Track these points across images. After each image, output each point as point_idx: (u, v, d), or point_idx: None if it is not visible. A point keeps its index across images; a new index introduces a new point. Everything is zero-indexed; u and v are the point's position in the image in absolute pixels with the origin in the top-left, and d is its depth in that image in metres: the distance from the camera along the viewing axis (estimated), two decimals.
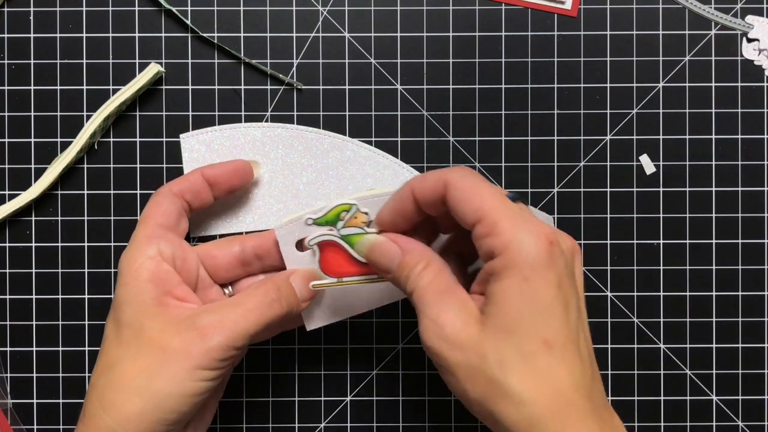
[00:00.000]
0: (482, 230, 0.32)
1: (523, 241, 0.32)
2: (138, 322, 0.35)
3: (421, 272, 0.35)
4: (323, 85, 0.46)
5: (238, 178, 0.42)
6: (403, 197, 0.36)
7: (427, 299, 0.34)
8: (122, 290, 0.37)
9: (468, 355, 0.32)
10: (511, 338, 0.31)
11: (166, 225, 0.39)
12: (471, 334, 0.32)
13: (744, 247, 0.46)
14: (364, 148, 0.46)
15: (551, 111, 0.46)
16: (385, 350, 0.46)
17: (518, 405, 0.31)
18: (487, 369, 0.31)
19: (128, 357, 0.35)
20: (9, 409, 0.46)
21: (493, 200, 0.33)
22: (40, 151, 0.46)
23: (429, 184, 0.35)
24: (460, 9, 0.46)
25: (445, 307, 0.33)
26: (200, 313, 0.36)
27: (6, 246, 0.46)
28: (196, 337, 0.35)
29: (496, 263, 0.32)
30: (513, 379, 0.31)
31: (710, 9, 0.46)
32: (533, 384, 0.31)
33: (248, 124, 0.46)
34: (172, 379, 0.34)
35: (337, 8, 0.46)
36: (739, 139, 0.46)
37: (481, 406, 0.32)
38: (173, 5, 0.46)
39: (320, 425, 0.46)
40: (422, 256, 0.35)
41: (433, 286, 0.34)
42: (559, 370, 0.31)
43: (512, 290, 0.32)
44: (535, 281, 0.31)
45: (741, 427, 0.46)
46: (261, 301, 0.37)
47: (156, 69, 0.45)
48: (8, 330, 0.46)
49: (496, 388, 0.31)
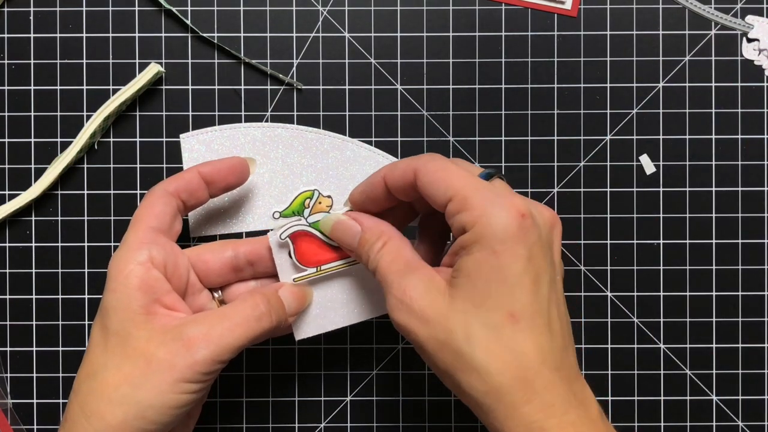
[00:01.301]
0: (454, 207, 0.33)
1: (493, 215, 0.32)
2: (125, 330, 0.35)
3: (380, 250, 0.36)
4: (323, 85, 0.46)
5: (234, 175, 0.41)
6: (374, 183, 0.37)
7: (391, 277, 0.35)
8: (110, 296, 0.36)
9: (436, 329, 0.33)
10: (478, 311, 0.32)
11: (158, 228, 0.38)
12: (438, 309, 0.33)
13: (744, 247, 0.46)
14: (364, 148, 0.46)
15: (551, 111, 0.46)
16: (385, 350, 0.46)
17: (484, 376, 0.32)
18: (453, 342, 0.32)
19: (112, 365, 0.35)
20: (9, 409, 0.46)
21: (461, 179, 0.33)
22: (40, 151, 0.46)
23: (398, 172, 0.36)
24: (460, 9, 0.46)
25: (410, 283, 0.34)
26: (187, 324, 0.35)
27: (6, 246, 0.46)
28: (182, 348, 0.34)
29: (466, 237, 0.33)
30: (478, 351, 0.32)
31: (710, 9, 0.46)
32: (498, 356, 0.32)
33: (248, 124, 0.46)
34: (155, 390, 0.34)
35: (337, 8, 0.46)
36: (739, 139, 0.46)
37: (451, 377, 0.33)
38: (173, 5, 0.46)
39: (320, 425, 0.46)
40: (381, 233, 0.37)
41: (396, 263, 0.35)
42: (525, 343, 0.32)
43: (481, 263, 0.32)
44: (504, 254, 0.32)
45: (741, 427, 0.46)
46: (249, 315, 0.36)
47: (156, 69, 0.45)
48: (8, 330, 0.46)
49: (462, 360, 0.32)
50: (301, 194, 0.39)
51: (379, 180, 0.37)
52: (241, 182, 0.42)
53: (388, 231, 0.37)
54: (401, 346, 0.46)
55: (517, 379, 0.31)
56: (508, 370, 0.32)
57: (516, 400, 0.31)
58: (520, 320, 0.32)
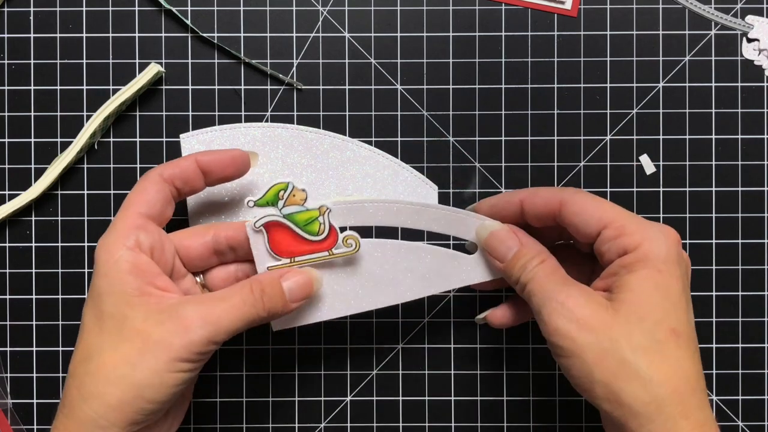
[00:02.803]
0: (611, 234, 0.36)
1: (656, 239, 0.35)
2: (120, 312, 0.35)
3: (539, 264, 0.37)
4: (323, 85, 0.46)
5: (233, 167, 0.41)
6: (510, 202, 0.40)
7: (550, 286, 0.36)
8: (102, 281, 0.36)
9: (599, 337, 0.34)
10: (643, 324, 0.34)
11: (147, 214, 0.38)
12: (602, 318, 0.34)
13: (744, 247, 0.46)
14: (364, 148, 0.46)
15: (551, 111, 0.46)
16: (385, 350, 0.46)
17: (647, 385, 0.33)
18: (618, 351, 0.34)
19: (109, 346, 0.35)
20: (9, 409, 0.46)
21: (614, 208, 0.37)
22: (40, 151, 0.46)
23: (541, 200, 0.38)
24: (460, 9, 0.46)
25: (572, 293, 0.36)
26: (183, 304, 0.35)
27: (6, 246, 0.46)
28: (179, 328, 0.34)
29: (628, 258, 0.35)
30: (644, 362, 0.33)
31: (710, 9, 0.46)
32: (662, 368, 0.33)
33: (248, 124, 0.46)
34: (152, 369, 0.34)
35: (337, 8, 0.46)
36: (739, 139, 0.46)
37: (608, 387, 0.34)
38: (173, 5, 0.46)
39: (320, 425, 0.46)
40: (540, 250, 0.38)
41: (555, 276, 0.37)
42: (683, 359, 0.34)
43: (646, 281, 0.35)
44: (667, 274, 0.35)
45: (741, 427, 0.46)
46: (245, 300, 0.37)
47: (156, 69, 0.45)
48: (8, 330, 0.46)
49: (626, 369, 0.33)
50: (275, 185, 0.39)
51: (516, 201, 0.39)
52: (239, 175, 0.41)
53: (546, 250, 0.39)
54: (401, 346, 0.46)
55: (676, 392, 0.33)
56: (670, 382, 0.33)
57: (675, 413, 0.33)
58: (680, 337, 0.34)
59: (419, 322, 0.46)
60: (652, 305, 0.34)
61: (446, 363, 0.46)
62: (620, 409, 0.34)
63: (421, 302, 0.44)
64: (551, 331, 0.35)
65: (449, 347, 0.46)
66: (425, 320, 0.46)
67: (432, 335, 0.46)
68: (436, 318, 0.46)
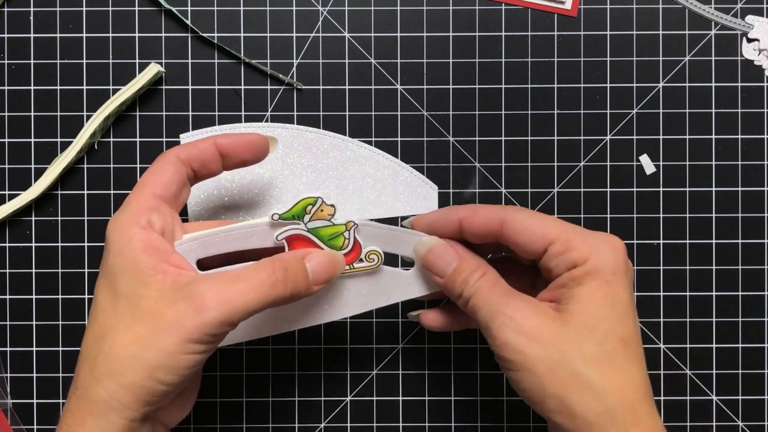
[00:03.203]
0: (558, 249, 0.36)
1: (603, 251, 0.35)
2: (134, 291, 0.34)
3: (480, 278, 0.37)
4: (323, 85, 0.46)
5: (251, 152, 0.40)
6: (448, 220, 0.39)
7: (495, 300, 0.36)
8: (116, 260, 0.35)
9: (550, 350, 0.34)
10: (592, 335, 0.34)
11: (162, 196, 0.37)
12: (552, 330, 0.34)
13: (744, 247, 0.46)
14: (364, 148, 0.46)
15: (551, 111, 0.46)
16: (385, 350, 0.46)
17: (600, 396, 0.33)
18: (569, 362, 0.34)
19: (121, 326, 0.34)
20: (9, 409, 0.46)
21: (557, 224, 0.37)
22: (40, 151, 0.46)
23: (481, 220, 0.38)
24: (460, 9, 0.46)
25: (520, 305, 0.35)
26: (198, 282, 0.34)
27: (6, 246, 0.46)
28: (191, 309, 0.33)
29: (577, 272, 0.35)
30: (595, 372, 0.34)
31: (710, 9, 0.46)
32: (613, 377, 0.34)
33: (248, 124, 0.46)
34: (164, 350, 0.33)
35: (337, 8, 0.46)
36: (739, 139, 0.46)
37: (559, 399, 0.34)
38: (173, 5, 0.46)
39: (320, 425, 0.46)
40: (479, 263, 0.38)
41: (497, 288, 0.37)
42: (633, 367, 0.34)
43: (595, 292, 0.35)
44: (615, 284, 0.35)
45: (741, 427, 0.46)
46: (264, 280, 0.35)
47: (156, 69, 0.45)
48: (8, 330, 0.46)
49: (577, 380, 0.34)
50: (303, 200, 0.38)
51: (455, 220, 0.38)
52: (257, 160, 0.40)
53: (485, 263, 0.38)
54: (401, 346, 0.46)
55: (627, 401, 0.34)
56: (621, 392, 0.34)
57: (627, 422, 0.33)
58: (629, 346, 0.35)
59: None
60: (602, 316, 0.34)
61: (446, 363, 0.46)
62: (572, 421, 0.34)
63: (421, 302, 0.44)
64: (500, 345, 0.35)
65: (449, 347, 0.46)
66: None
67: (432, 335, 0.46)
68: None
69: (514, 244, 0.37)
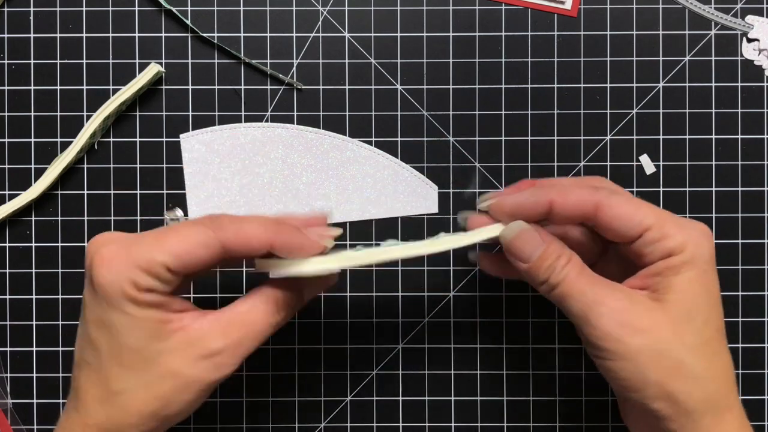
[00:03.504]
0: (654, 236, 0.36)
1: (698, 240, 0.36)
2: (143, 347, 0.34)
3: (567, 264, 0.36)
4: (323, 85, 0.46)
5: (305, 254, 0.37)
6: (538, 202, 0.38)
7: (588, 288, 0.36)
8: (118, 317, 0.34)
9: (652, 340, 0.34)
10: (692, 325, 0.35)
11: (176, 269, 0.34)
12: (653, 319, 0.35)
13: (744, 247, 0.46)
14: (364, 148, 0.46)
15: (551, 111, 0.46)
16: (385, 350, 0.46)
17: (701, 384, 0.34)
18: (671, 352, 0.34)
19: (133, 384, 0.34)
20: (9, 409, 0.46)
21: (654, 210, 0.36)
22: (40, 151, 0.46)
23: (574, 202, 0.37)
24: (460, 9, 0.46)
25: (616, 295, 0.35)
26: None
27: (6, 246, 0.46)
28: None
29: (673, 261, 0.35)
30: (697, 361, 0.34)
31: (710, 9, 0.46)
32: (712, 366, 0.35)
33: (248, 124, 0.46)
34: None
35: (337, 8, 0.46)
36: (739, 139, 0.46)
37: (661, 387, 0.34)
38: (173, 5, 0.46)
39: (320, 425, 0.46)
40: (564, 249, 0.37)
41: (586, 276, 0.36)
42: (725, 356, 0.36)
43: (692, 282, 0.35)
44: (711, 274, 0.36)
45: None
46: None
47: (156, 69, 0.45)
48: (8, 330, 0.46)
49: (680, 369, 0.34)
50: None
51: (545, 202, 0.37)
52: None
53: (568, 249, 0.38)
54: (401, 346, 0.46)
55: (722, 389, 0.35)
56: (718, 379, 0.35)
57: (722, 408, 0.35)
58: (722, 335, 0.36)
59: (419, 322, 0.46)
60: (700, 306, 0.35)
61: (446, 363, 0.46)
62: (673, 407, 0.34)
63: (421, 302, 0.44)
64: (601, 335, 0.35)
65: (449, 347, 0.46)
66: (425, 320, 0.46)
67: (432, 335, 0.46)
68: (436, 318, 0.46)
69: (609, 230, 0.37)
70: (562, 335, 0.46)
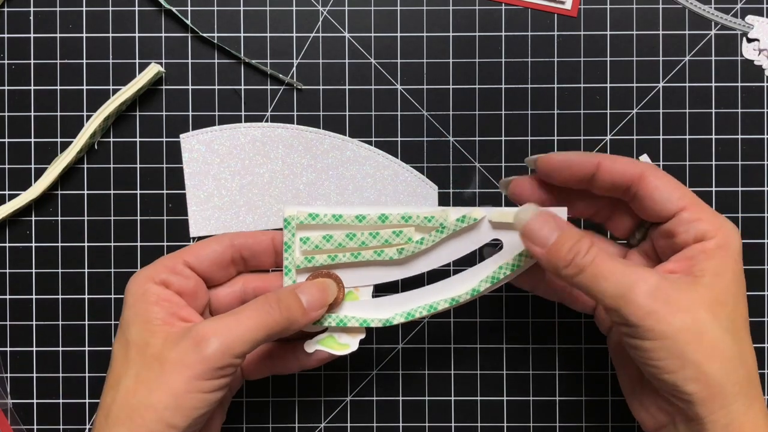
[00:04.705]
0: (690, 216, 0.36)
1: (731, 229, 0.36)
2: (143, 339, 0.36)
3: (591, 246, 0.35)
4: (323, 85, 0.46)
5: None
6: (584, 162, 0.38)
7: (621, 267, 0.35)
8: (129, 311, 0.37)
9: (693, 318, 0.34)
10: (725, 309, 0.35)
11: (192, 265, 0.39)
12: (693, 300, 0.34)
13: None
14: (364, 148, 0.46)
15: (551, 111, 0.46)
16: (385, 350, 0.46)
17: (736, 366, 0.34)
18: (710, 332, 0.34)
19: (132, 374, 0.35)
20: (9, 409, 0.46)
21: (691, 193, 0.37)
22: (40, 151, 0.46)
23: (621, 167, 0.37)
24: (460, 9, 0.46)
25: (654, 274, 0.35)
26: (197, 324, 0.36)
27: (6, 246, 0.46)
28: (192, 346, 0.34)
29: (709, 245, 0.35)
30: (731, 344, 0.34)
31: (710, 9, 0.46)
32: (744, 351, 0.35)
33: (248, 124, 0.46)
34: (171, 391, 0.34)
35: (337, 8, 0.46)
36: (739, 139, 0.46)
37: (699, 367, 0.34)
38: (173, 5, 0.46)
39: (320, 425, 0.46)
40: (584, 232, 0.37)
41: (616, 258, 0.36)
42: (750, 344, 0.36)
43: (726, 268, 0.35)
44: (740, 265, 0.36)
45: None
46: (259, 309, 0.37)
47: (156, 69, 0.45)
48: (8, 330, 0.46)
49: (718, 350, 0.34)
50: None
51: (592, 163, 0.37)
52: None
53: (589, 233, 0.38)
54: (401, 346, 0.46)
55: (752, 373, 0.35)
56: (750, 366, 0.35)
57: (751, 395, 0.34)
58: (748, 323, 0.36)
59: (419, 322, 0.46)
60: (733, 292, 0.35)
61: (446, 363, 0.46)
62: (708, 390, 0.34)
63: None
64: (643, 314, 0.34)
65: (449, 347, 0.46)
66: (425, 320, 0.46)
67: (432, 335, 0.46)
68: (437, 318, 0.46)
69: (648, 200, 0.37)
70: (562, 335, 0.46)
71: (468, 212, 0.39)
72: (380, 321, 0.40)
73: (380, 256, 0.39)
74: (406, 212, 0.39)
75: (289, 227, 0.40)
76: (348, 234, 0.39)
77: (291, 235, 0.40)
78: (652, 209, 0.37)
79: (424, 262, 0.40)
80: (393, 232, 0.39)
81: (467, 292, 0.39)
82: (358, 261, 0.40)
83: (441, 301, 0.40)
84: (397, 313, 0.40)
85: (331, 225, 0.39)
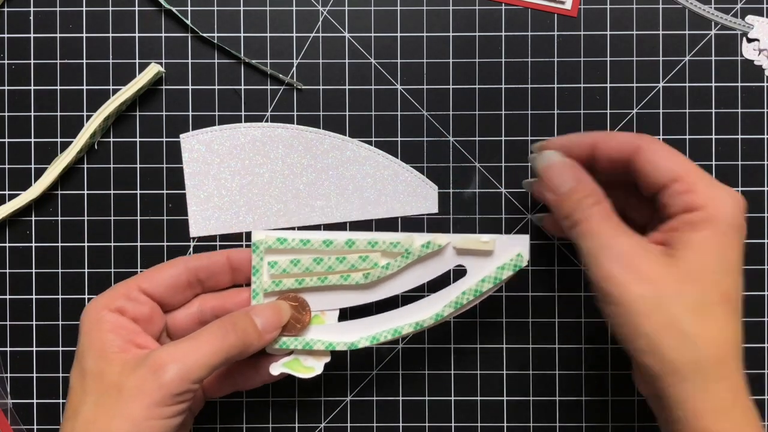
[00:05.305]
0: (680, 187, 0.35)
1: (724, 200, 0.35)
2: (99, 368, 0.36)
3: (594, 205, 0.36)
4: (323, 85, 0.46)
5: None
6: (581, 144, 0.38)
7: (607, 231, 0.35)
8: (84, 340, 0.37)
9: (653, 291, 0.34)
10: (697, 285, 0.34)
11: (149, 291, 0.39)
12: (659, 272, 0.34)
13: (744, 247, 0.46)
14: (364, 148, 0.46)
15: (551, 111, 0.46)
16: (385, 350, 0.46)
17: (692, 345, 0.33)
18: (669, 307, 0.33)
19: (90, 402, 0.35)
20: (9, 409, 0.46)
21: (686, 163, 0.36)
22: (40, 151, 0.46)
23: (617, 144, 0.37)
24: (460, 9, 0.46)
25: (631, 243, 0.35)
26: (154, 350, 0.36)
27: (6, 246, 0.46)
28: (149, 373, 0.34)
29: (694, 216, 0.35)
30: (692, 321, 0.33)
31: (710, 9, 0.46)
32: (709, 329, 0.34)
33: (248, 124, 0.46)
34: (130, 419, 0.34)
35: (337, 8, 0.46)
36: (739, 139, 0.46)
37: (651, 340, 0.33)
38: (173, 5, 0.46)
39: (320, 425, 0.46)
40: (595, 190, 0.37)
41: (609, 221, 0.36)
42: (728, 325, 0.34)
43: (708, 241, 0.34)
44: (730, 238, 0.35)
45: None
46: (215, 333, 0.37)
47: (156, 69, 0.45)
48: (8, 330, 0.46)
49: (673, 326, 0.33)
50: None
51: (588, 143, 0.38)
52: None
53: (602, 193, 0.37)
54: (401, 346, 0.46)
55: (717, 355, 0.33)
56: (713, 345, 0.33)
57: (711, 376, 0.33)
58: (730, 302, 0.34)
59: None
60: (710, 267, 0.34)
61: (446, 363, 0.46)
62: (661, 365, 0.33)
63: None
64: (604, 277, 0.34)
65: (449, 347, 0.46)
66: None
67: (432, 335, 0.46)
68: None
69: (642, 173, 0.36)
70: (562, 335, 0.46)
71: (432, 238, 0.40)
72: (346, 344, 0.41)
73: (347, 281, 0.40)
74: (372, 237, 0.40)
75: (257, 251, 0.40)
76: (315, 258, 0.40)
77: (259, 259, 0.41)
78: (646, 181, 0.37)
79: (389, 287, 0.41)
80: (360, 257, 0.40)
81: (431, 316, 0.41)
82: (325, 285, 0.41)
83: (405, 325, 0.41)
84: (363, 337, 0.41)
85: (299, 249, 0.41)
